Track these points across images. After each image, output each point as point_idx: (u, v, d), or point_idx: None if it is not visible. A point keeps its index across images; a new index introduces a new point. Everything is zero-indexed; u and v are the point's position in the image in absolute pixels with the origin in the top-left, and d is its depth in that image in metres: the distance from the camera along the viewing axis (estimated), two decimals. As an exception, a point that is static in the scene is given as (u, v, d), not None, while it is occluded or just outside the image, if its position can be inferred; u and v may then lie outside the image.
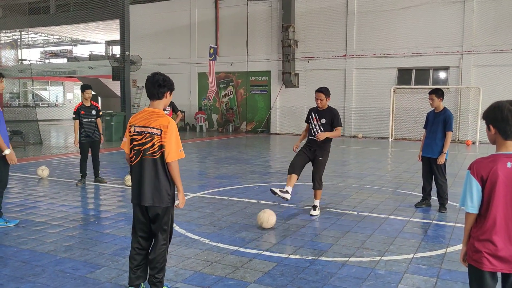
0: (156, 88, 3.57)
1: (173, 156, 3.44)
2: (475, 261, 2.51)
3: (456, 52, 19.24)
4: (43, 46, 41.27)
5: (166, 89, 3.60)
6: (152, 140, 3.47)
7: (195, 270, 4.30)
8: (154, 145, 3.46)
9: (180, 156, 3.49)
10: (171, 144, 3.43)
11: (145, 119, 3.54)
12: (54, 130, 24.36)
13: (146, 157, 3.49)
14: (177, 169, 3.50)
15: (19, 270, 4.26)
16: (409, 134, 19.91)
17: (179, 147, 3.49)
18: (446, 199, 6.78)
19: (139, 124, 3.55)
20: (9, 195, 7.61)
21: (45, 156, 12.92)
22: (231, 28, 24.01)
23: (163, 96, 3.61)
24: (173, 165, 3.46)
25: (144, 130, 3.51)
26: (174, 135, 3.47)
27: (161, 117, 3.52)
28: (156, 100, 3.61)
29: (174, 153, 3.45)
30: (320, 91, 6.50)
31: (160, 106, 3.63)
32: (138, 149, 3.52)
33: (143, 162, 3.50)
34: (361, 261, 4.61)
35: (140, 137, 3.52)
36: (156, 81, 3.57)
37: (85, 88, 8.69)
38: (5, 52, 20.61)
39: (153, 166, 3.48)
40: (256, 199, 7.43)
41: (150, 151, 3.48)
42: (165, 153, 3.44)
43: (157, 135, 3.46)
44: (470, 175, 2.49)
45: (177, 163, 3.49)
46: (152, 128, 3.48)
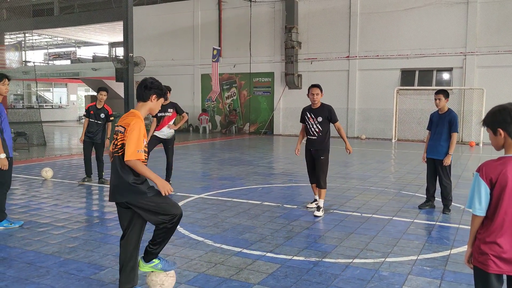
0: (142, 89, 3.58)
1: (129, 155, 3.34)
2: (481, 263, 2.49)
3: (459, 53, 19.20)
4: (47, 48, 41.43)
5: (152, 91, 3.57)
6: (117, 139, 3.48)
7: (199, 272, 4.30)
8: (118, 144, 3.47)
9: (138, 157, 3.37)
10: (129, 143, 3.36)
11: (122, 119, 3.57)
12: (58, 132, 24.43)
13: (115, 155, 3.50)
14: (140, 166, 3.38)
15: (23, 271, 4.28)
16: (412, 135, 19.88)
17: (138, 147, 3.37)
18: (450, 201, 6.77)
19: (118, 123, 3.59)
20: (13, 196, 7.64)
21: (49, 158, 12.95)
22: (234, 30, 24.04)
23: (148, 98, 3.57)
24: (132, 163, 3.36)
25: (117, 129, 3.54)
26: (134, 134, 3.38)
27: (130, 115, 3.52)
28: (141, 101, 3.60)
29: (131, 152, 3.34)
30: (316, 86, 6.59)
31: (142, 109, 3.59)
32: (112, 147, 3.56)
33: (114, 160, 3.52)
34: (365, 262, 4.60)
35: (115, 136, 3.56)
36: (144, 82, 3.59)
37: (100, 89, 8.78)
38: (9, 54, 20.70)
39: (119, 163, 3.46)
40: (260, 201, 7.43)
41: (116, 148, 3.49)
42: (124, 151, 3.40)
43: (120, 133, 3.46)
44: (479, 177, 2.46)
45: (137, 161, 3.37)
46: (120, 126, 3.50)
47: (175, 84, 21.64)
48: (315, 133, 6.65)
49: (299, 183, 9.18)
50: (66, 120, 35.34)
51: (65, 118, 35.65)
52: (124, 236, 3.64)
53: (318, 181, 6.67)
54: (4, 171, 5.60)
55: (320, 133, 6.64)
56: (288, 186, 8.90)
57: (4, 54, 20.62)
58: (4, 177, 5.65)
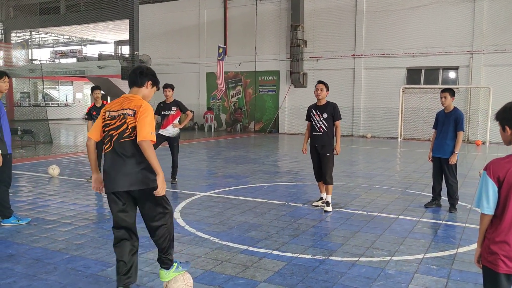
0: (137, 75, 3.48)
1: (145, 135, 3.23)
2: (490, 263, 2.48)
3: (466, 51, 19.11)
4: (53, 46, 41.58)
5: (148, 78, 3.49)
6: (126, 122, 3.31)
7: (205, 269, 4.31)
8: (128, 127, 3.30)
9: (151, 138, 3.27)
10: (142, 125, 3.26)
11: (121, 103, 3.43)
12: (64, 130, 24.54)
13: (124, 140, 3.33)
14: (151, 149, 3.26)
15: (31, 268, 4.31)
16: (418, 134, 19.81)
17: (152, 129, 3.29)
18: (456, 200, 6.75)
19: (113, 109, 3.41)
20: (20, 193, 7.69)
21: (55, 155, 13.02)
22: (239, 28, 24.04)
23: (143, 84, 3.49)
24: (144, 145, 3.23)
25: (118, 113, 3.37)
26: (149, 115, 3.31)
27: (137, 99, 3.41)
28: (136, 87, 3.50)
29: (146, 132, 3.24)
30: (321, 82, 6.76)
31: (138, 94, 3.50)
32: (112, 134, 3.36)
33: (121, 146, 3.33)
34: (371, 261, 4.60)
35: (114, 121, 3.36)
36: (139, 68, 3.53)
37: (93, 88, 8.85)
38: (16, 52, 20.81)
39: (133, 149, 3.31)
40: (265, 199, 7.44)
41: (126, 133, 3.31)
42: (137, 132, 3.27)
43: (130, 116, 3.31)
44: (487, 175, 2.45)
45: (151, 144, 3.27)
46: (126, 109, 3.34)
47: (180, 82, 21.74)
48: (321, 130, 6.71)
49: (305, 181, 9.18)
50: (72, 118, 35.49)
51: (71, 116, 35.80)
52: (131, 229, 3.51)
53: (324, 178, 6.73)
54: (3, 168, 5.62)
55: (326, 130, 6.69)
56: (294, 184, 8.90)
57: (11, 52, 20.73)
58: (3, 174, 5.68)
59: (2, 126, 5.61)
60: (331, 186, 6.76)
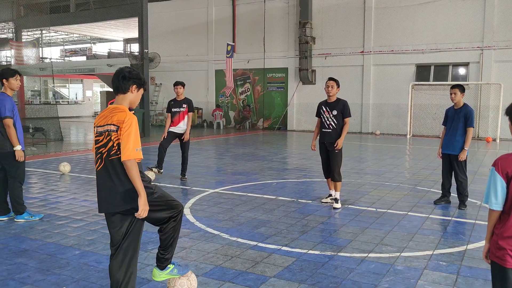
0: (120, 80, 3.19)
1: (128, 154, 3.01)
2: (499, 258, 2.49)
3: (476, 47, 18.96)
4: (63, 44, 41.86)
5: (131, 82, 3.21)
6: (111, 139, 3.09)
7: (216, 265, 4.36)
8: (114, 144, 3.08)
9: (137, 156, 3.06)
10: (126, 141, 3.03)
11: (106, 117, 3.16)
12: (74, 127, 24.74)
13: (113, 158, 3.10)
14: (135, 169, 3.05)
15: (45, 263, 4.38)
16: (427, 131, 19.71)
17: (136, 145, 3.07)
18: (466, 196, 6.73)
19: (100, 124, 3.18)
20: (32, 190, 7.80)
21: (66, 153, 13.15)
22: (248, 25, 24.05)
23: (128, 89, 3.22)
24: (128, 164, 3.02)
25: (104, 129, 3.14)
26: (131, 131, 3.06)
27: (120, 112, 3.13)
28: (121, 94, 3.23)
29: (130, 151, 3.02)
30: (332, 79, 6.77)
31: (124, 102, 3.24)
32: (101, 151, 3.15)
33: (111, 164, 3.12)
34: (380, 257, 4.62)
35: (101, 138, 3.14)
36: (121, 72, 3.22)
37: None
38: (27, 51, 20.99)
39: (121, 167, 3.09)
40: (274, 195, 7.47)
41: (113, 150, 3.09)
42: (121, 150, 3.05)
43: (114, 132, 3.08)
44: (495, 171, 2.46)
45: (135, 163, 3.05)
46: (110, 125, 3.10)
47: (189, 80, 21.73)
48: (330, 127, 6.73)
49: (314, 178, 9.19)
50: (82, 115, 35.75)
51: (81, 113, 36.06)
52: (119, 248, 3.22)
53: (333, 174, 6.75)
54: (18, 164, 5.73)
55: (335, 126, 6.72)
56: (303, 181, 8.92)
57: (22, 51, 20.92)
58: (17, 170, 5.78)
59: (16, 124, 5.71)
60: (340, 183, 6.78)
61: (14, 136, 5.61)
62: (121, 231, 3.22)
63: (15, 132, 5.64)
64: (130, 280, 3.23)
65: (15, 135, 5.62)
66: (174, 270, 3.54)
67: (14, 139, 5.62)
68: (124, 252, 3.22)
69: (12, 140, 5.61)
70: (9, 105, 5.63)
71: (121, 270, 3.20)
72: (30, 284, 3.89)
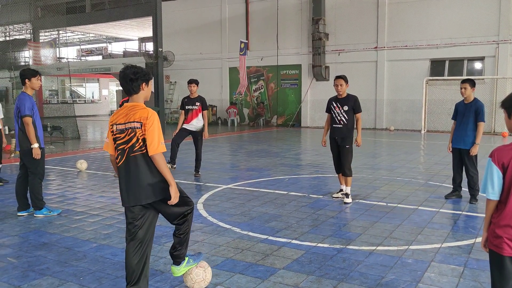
0: (129, 84, 3.34)
1: (156, 148, 3.22)
2: (496, 247, 2.56)
3: (492, 41, 18.75)
4: (80, 44, 42.46)
5: (140, 81, 3.35)
6: (136, 135, 3.25)
7: (227, 257, 4.48)
8: (139, 140, 3.25)
9: (163, 149, 3.27)
10: (152, 137, 3.22)
11: (126, 114, 3.32)
12: (91, 126, 25.14)
13: (135, 154, 3.27)
14: (163, 161, 3.27)
15: (63, 255, 4.56)
16: (442, 127, 19.55)
17: (160, 139, 3.27)
18: (477, 191, 6.74)
19: (120, 122, 3.32)
20: (50, 186, 8.02)
21: (83, 151, 13.43)
22: (261, 23, 24.13)
23: (138, 89, 3.37)
24: (157, 158, 3.23)
25: (125, 126, 3.29)
26: (155, 126, 3.25)
27: (140, 109, 3.30)
28: (134, 94, 3.39)
29: (157, 145, 3.23)
30: (340, 77, 6.79)
31: (139, 99, 3.40)
32: (123, 148, 3.30)
33: (133, 160, 3.27)
34: (388, 250, 4.69)
35: (123, 135, 3.29)
36: (127, 75, 3.33)
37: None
38: (44, 51, 21.39)
39: (145, 162, 3.27)
40: (286, 191, 7.57)
41: (136, 147, 3.26)
42: (147, 146, 3.24)
43: (138, 129, 3.25)
44: (491, 162, 2.55)
45: (162, 155, 3.27)
46: (133, 122, 3.26)
47: (203, 78, 21.93)
48: (341, 122, 6.79)
49: (326, 173, 9.26)
50: (99, 114, 36.25)
51: (97, 112, 36.57)
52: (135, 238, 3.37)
53: (343, 169, 6.83)
54: (38, 161, 5.94)
55: (346, 122, 6.78)
56: (315, 176, 9.00)
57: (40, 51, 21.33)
58: (37, 167, 5.99)
59: (35, 122, 5.92)
60: (350, 178, 6.85)
61: (32, 134, 5.81)
62: (139, 222, 3.36)
63: (33, 130, 5.84)
64: (144, 269, 3.40)
65: (33, 133, 5.82)
66: (190, 260, 3.68)
67: (32, 136, 5.82)
68: (140, 242, 3.38)
69: (30, 137, 5.81)
70: (29, 104, 5.83)
71: (137, 260, 3.36)
72: (49, 275, 4.06)
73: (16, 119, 5.95)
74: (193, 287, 3.70)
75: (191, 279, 3.68)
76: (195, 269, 3.71)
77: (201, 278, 3.70)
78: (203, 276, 3.71)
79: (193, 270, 3.70)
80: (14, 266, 4.29)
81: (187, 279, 3.70)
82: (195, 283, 3.68)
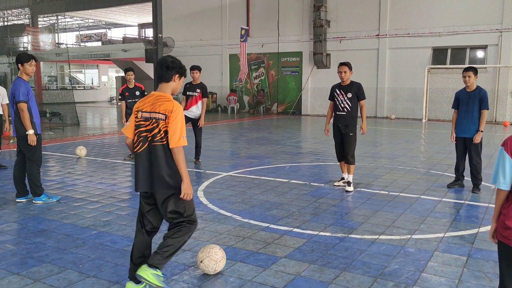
0: (163, 70, 3.38)
1: (176, 141, 3.26)
2: (505, 238, 2.49)
3: (495, 29, 18.55)
4: (79, 30, 42.14)
5: (174, 71, 3.40)
6: (158, 126, 3.30)
7: (228, 245, 4.43)
8: (161, 131, 3.30)
9: (183, 143, 3.29)
10: (175, 130, 3.26)
11: (152, 104, 3.36)
12: (90, 112, 25.02)
13: (155, 144, 3.31)
14: (182, 155, 3.29)
15: (62, 242, 4.51)
16: (443, 115, 19.45)
17: (183, 133, 3.30)
18: (480, 180, 6.68)
19: (146, 110, 3.37)
20: (50, 173, 7.96)
21: (82, 137, 13.35)
22: (262, 9, 23.88)
23: (171, 79, 3.40)
24: (176, 151, 3.26)
25: (150, 115, 3.33)
26: (178, 120, 3.28)
27: (167, 101, 3.34)
28: (164, 82, 3.42)
29: (178, 138, 3.26)
30: (343, 64, 6.71)
31: (167, 90, 3.43)
32: (145, 135, 3.34)
33: (153, 149, 3.32)
34: (391, 239, 4.65)
35: (147, 123, 3.34)
36: (165, 62, 3.40)
37: (127, 70, 9.32)
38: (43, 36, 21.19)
39: (164, 153, 3.31)
40: (287, 179, 7.51)
41: (158, 137, 3.30)
42: (168, 138, 3.28)
43: (162, 120, 3.29)
44: (504, 151, 2.46)
45: (182, 149, 3.29)
46: (158, 113, 3.31)
47: (203, 65, 21.68)
48: (344, 109, 6.73)
49: (327, 161, 9.20)
50: (98, 100, 36.11)
51: (96, 99, 36.42)
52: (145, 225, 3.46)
53: (347, 157, 6.79)
54: (34, 148, 5.86)
55: (349, 109, 6.72)
56: (316, 164, 8.94)
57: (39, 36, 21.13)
58: (34, 154, 5.91)
59: (31, 108, 5.83)
60: (353, 166, 6.81)
61: (27, 120, 5.72)
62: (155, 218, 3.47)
63: (28, 116, 5.74)
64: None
65: (28, 119, 5.73)
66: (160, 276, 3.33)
67: (27, 123, 5.72)
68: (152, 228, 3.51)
69: (25, 124, 5.72)
70: (24, 90, 5.72)
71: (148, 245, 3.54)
72: (48, 262, 4.01)
73: (11, 104, 5.86)
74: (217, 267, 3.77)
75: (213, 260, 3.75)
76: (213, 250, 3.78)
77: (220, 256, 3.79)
78: (222, 254, 3.82)
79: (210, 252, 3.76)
80: (13, 252, 4.24)
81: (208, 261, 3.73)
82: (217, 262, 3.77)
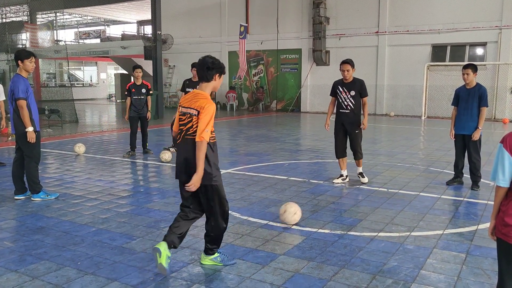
0: (204, 71, 3.63)
1: (201, 135, 3.47)
2: (504, 235, 2.49)
3: (494, 26, 18.54)
4: (77, 27, 42.00)
5: (215, 71, 3.64)
6: (192, 121, 3.57)
7: (227, 242, 4.42)
8: (193, 126, 3.55)
9: (206, 136, 3.49)
10: (201, 124, 3.48)
11: (190, 100, 3.65)
12: (89, 109, 24.99)
13: (188, 137, 3.59)
14: (203, 150, 3.49)
15: (60, 240, 4.50)
16: (442, 113, 19.44)
17: (208, 127, 3.50)
18: (479, 177, 6.68)
19: (184, 105, 3.67)
20: (48, 170, 7.95)
21: (81, 134, 13.33)
22: (261, 6, 23.82)
23: (212, 78, 3.65)
24: (199, 144, 3.48)
25: (187, 110, 3.62)
26: (207, 116, 3.50)
27: (203, 98, 3.59)
28: (205, 82, 3.67)
29: (203, 133, 3.47)
30: (346, 62, 6.70)
31: (207, 89, 3.68)
32: (181, 128, 3.65)
33: (186, 142, 3.61)
34: (390, 236, 4.64)
35: (184, 117, 3.64)
36: (205, 63, 3.63)
37: (135, 68, 9.48)
38: (41, 33, 21.14)
39: (194, 146, 3.53)
40: (286, 176, 7.51)
41: (190, 131, 3.57)
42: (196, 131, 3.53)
43: (195, 116, 3.55)
44: (503, 148, 2.44)
45: (204, 144, 3.48)
46: (192, 109, 3.58)
47: (202, 62, 21.75)
48: (348, 107, 6.75)
49: (326, 159, 9.19)
50: (97, 98, 36.04)
51: (95, 96, 36.36)
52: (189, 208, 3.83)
53: (356, 153, 6.94)
54: (33, 145, 5.84)
55: (353, 107, 6.75)
56: (315, 162, 8.93)
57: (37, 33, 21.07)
58: (32, 151, 5.90)
59: (30, 105, 5.81)
60: (361, 159, 7.07)
61: (26, 117, 5.70)
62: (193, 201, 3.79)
63: (27, 113, 5.72)
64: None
65: (27, 116, 5.71)
66: (218, 258, 3.89)
67: (26, 120, 5.71)
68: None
69: (24, 121, 5.71)
70: (23, 87, 5.70)
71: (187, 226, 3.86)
72: (46, 259, 4.00)
73: (10, 101, 5.83)
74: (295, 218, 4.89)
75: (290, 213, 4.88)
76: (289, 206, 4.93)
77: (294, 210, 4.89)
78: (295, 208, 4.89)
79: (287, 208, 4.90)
80: (11, 250, 4.23)
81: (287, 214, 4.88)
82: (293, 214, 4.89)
